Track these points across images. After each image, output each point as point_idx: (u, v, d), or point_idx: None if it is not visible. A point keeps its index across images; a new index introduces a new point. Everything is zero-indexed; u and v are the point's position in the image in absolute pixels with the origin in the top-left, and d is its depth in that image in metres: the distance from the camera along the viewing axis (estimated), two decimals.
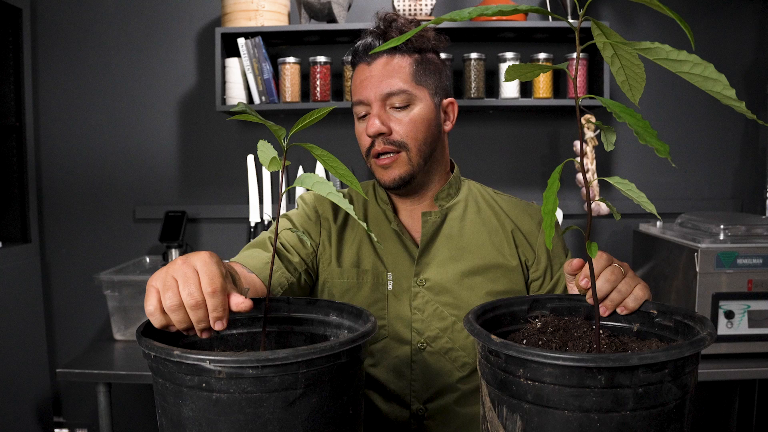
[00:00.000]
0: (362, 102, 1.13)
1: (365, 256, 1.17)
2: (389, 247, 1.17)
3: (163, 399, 0.71)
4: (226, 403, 0.66)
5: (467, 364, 1.15)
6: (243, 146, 2.56)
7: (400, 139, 1.11)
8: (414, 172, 1.12)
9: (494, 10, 0.58)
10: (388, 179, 1.13)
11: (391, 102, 1.10)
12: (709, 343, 0.66)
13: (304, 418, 0.68)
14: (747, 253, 1.87)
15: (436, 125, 1.15)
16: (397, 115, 1.11)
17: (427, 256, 1.16)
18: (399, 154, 1.11)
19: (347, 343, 0.69)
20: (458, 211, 1.20)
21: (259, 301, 0.90)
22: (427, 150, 1.13)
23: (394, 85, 1.10)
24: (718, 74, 0.56)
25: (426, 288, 1.15)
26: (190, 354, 0.65)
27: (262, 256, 1.09)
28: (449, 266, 1.15)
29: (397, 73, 1.11)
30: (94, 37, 2.57)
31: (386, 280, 1.15)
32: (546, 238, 0.61)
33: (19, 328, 2.39)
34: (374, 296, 1.15)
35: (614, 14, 2.52)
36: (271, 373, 0.65)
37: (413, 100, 1.11)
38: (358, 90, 1.14)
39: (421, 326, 1.14)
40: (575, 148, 2.37)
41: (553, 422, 0.63)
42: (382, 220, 1.20)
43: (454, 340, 1.14)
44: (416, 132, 1.11)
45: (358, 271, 1.16)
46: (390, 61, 1.11)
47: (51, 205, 2.64)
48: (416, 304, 1.15)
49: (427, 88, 1.13)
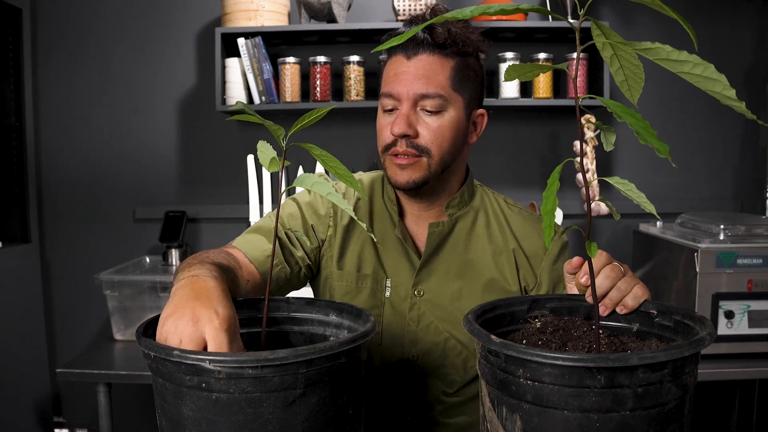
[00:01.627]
0: (392, 96, 1.05)
1: (367, 259, 1.13)
2: (390, 253, 1.13)
3: (162, 399, 0.71)
4: (225, 403, 0.66)
5: (456, 382, 1.12)
6: (243, 146, 2.56)
7: (425, 144, 1.04)
8: (429, 178, 1.06)
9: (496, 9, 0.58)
10: (402, 180, 1.06)
11: (423, 104, 1.04)
12: (709, 343, 0.66)
13: (303, 418, 0.68)
14: (747, 253, 1.87)
15: (463, 135, 1.09)
16: (427, 119, 1.04)
17: (429, 266, 1.12)
18: (419, 158, 1.05)
19: (346, 343, 0.69)
20: (467, 222, 1.15)
21: (258, 301, 0.90)
22: (448, 159, 1.07)
23: (431, 88, 1.03)
24: (718, 74, 0.56)
25: (423, 300, 1.12)
26: (189, 354, 0.66)
27: (265, 247, 1.06)
28: (450, 281, 1.12)
29: (436, 75, 1.04)
30: (94, 37, 2.57)
31: (385, 286, 1.12)
32: (546, 239, 0.61)
33: (19, 328, 2.39)
34: (372, 302, 1.12)
35: (614, 14, 2.52)
36: (270, 373, 0.65)
37: (446, 106, 1.05)
38: (390, 82, 1.06)
39: (414, 338, 1.12)
40: (575, 148, 2.37)
41: (553, 422, 0.63)
42: (386, 220, 1.15)
43: (445, 357, 1.11)
44: (442, 140, 1.05)
45: (358, 275, 1.13)
46: (431, 60, 1.04)
47: (51, 205, 2.64)
48: (412, 315, 1.12)
49: (462, 96, 1.07)
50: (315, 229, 1.14)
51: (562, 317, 0.83)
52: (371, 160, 2.54)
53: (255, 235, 1.09)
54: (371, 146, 2.56)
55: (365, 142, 2.56)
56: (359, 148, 2.56)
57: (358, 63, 2.32)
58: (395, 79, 1.05)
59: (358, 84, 2.32)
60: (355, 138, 2.56)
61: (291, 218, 1.14)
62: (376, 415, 1.14)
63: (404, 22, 1.10)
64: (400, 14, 2.31)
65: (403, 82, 1.04)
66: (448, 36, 1.03)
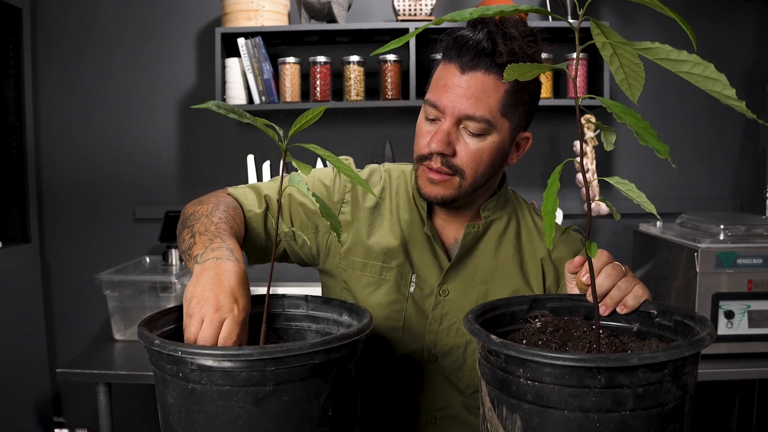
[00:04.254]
0: (437, 107, 1.00)
1: (394, 251, 1.10)
2: (417, 248, 1.11)
3: (156, 385, 0.75)
4: (200, 394, 0.69)
5: (473, 385, 1.11)
6: (243, 146, 2.56)
7: (460, 165, 1.00)
8: (458, 197, 1.04)
9: (495, 11, 0.58)
10: (431, 194, 1.04)
11: (466, 124, 0.99)
12: (709, 343, 0.66)
13: (275, 416, 0.69)
14: (747, 253, 1.87)
15: (502, 159, 1.05)
16: (468, 139, 1.00)
17: (458, 267, 1.10)
18: (452, 177, 1.01)
19: (319, 345, 0.70)
20: (500, 226, 1.12)
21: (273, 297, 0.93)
22: (481, 181, 1.04)
23: (478, 111, 0.97)
24: (718, 74, 0.56)
25: (448, 300, 1.10)
26: (167, 344, 0.69)
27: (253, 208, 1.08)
28: (476, 284, 1.10)
29: (487, 98, 0.97)
30: (94, 37, 2.57)
31: (410, 281, 1.10)
32: (546, 239, 0.61)
33: (19, 328, 2.39)
34: (395, 295, 1.09)
35: (614, 14, 2.52)
36: (239, 368, 0.67)
37: (490, 131, 0.99)
38: (438, 91, 1.00)
39: (435, 338, 1.10)
40: (575, 148, 2.37)
41: (553, 422, 0.63)
42: (414, 214, 1.12)
43: (465, 360, 1.10)
44: (478, 164, 1.01)
45: (382, 267, 1.10)
46: (485, 80, 0.97)
47: (51, 205, 2.64)
48: (435, 314, 1.10)
49: (510, 121, 1.01)
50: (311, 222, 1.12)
51: (562, 317, 0.83)
52: (371, 160, 2.53)
53: (250, 191, 1.10)
54: (371, 146, 2.56)
55: (365, 142, 2.56)
56: (359, 148, 2.56)
57: (358, 63, 2.32)
58: (444, 90, 0.99)
59: (358, 84, 2.32)
60: (355, 138, 2.56)
61: (302, 195, 1.12)
62: (390, 412, 1.13)
63: (473, 26, 1.00)
64: (400, 14, 2.31)
65: (451, 96, 0.98)
66: (510, 58, 0.96)
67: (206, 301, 0.78)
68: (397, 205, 1.13)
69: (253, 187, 1.11)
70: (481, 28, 0.98)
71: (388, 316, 1.09)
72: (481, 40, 0.97)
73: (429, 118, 1.02)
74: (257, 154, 2.46)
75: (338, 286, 1.13)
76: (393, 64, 2.32)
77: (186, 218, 1.00)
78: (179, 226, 1.01)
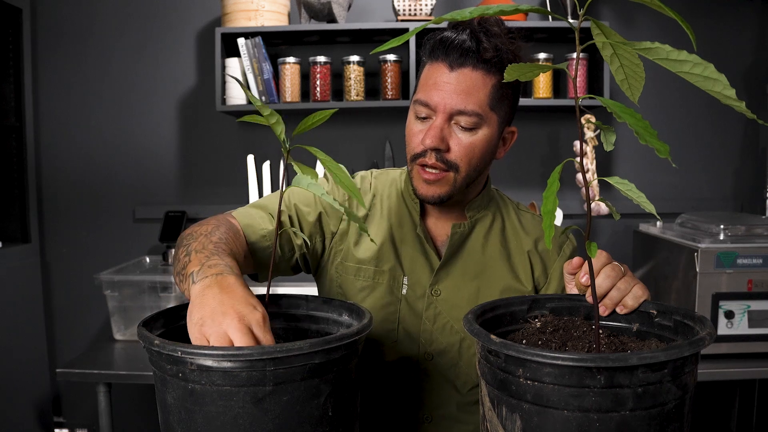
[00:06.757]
0: (428, 105, 1.02)
1: (385, 255, 1.12)
2: (409, 251, 1.13)
3: (156, 385, 0.75)
4: (200, 394, 0.69)
5: (469, 382, 1.12)
6: (243, 146, 2.56)
7: (454, 160, 1.03)
8: (454, 193, 1.06)
9: (495, 10, 0.58)
10: (428, 194, 1.06)
11: (458, 119, 1.01)
12: (709, 343, 0.66)
13: (274, 416, 0.69)
14: (747, 253, 1.87)
15: (492, 152, 1.09)
16: (460, 134, 1.02)
17: (448, 267, 1.12)
18: (447, 173, 1.04)
19: (319, 345, 0.70)
20: (485, 224, 1.15)
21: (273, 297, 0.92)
22: (474, 175, 1.07)
23: (469, 105, 1.00)
24: (718, 74, 0.56)
25: (440, 299, 1.12)
26: (167, 344, 0.69)
27: (262, 226, 1.05)
28: (467, 282, 1.12)
29: (477, 92, 1.01)
30: (94, 37, 2.57)
31: (402, 283, 1.12)
32: (546, 239, 0.61)
33: (19, 328, 2.39)
34: (389, 298, 1.12)
35: (614, 14, 2.52)
36: (238, 368, 0.67)
37: (481, 124, 1.02)
38: (427, 90, 1.03)
39: (430, 337, 1.12)
40: (575, 148, 2.37)
41: (553, 422, 0.63)
42: (405, 217, 1.14)
43: (460, 357, 1.12)
44: (471, 157, 1.04)
45: (375, 271, 1.12)
46: (473, 76, 1.01)
47: (51, 205, 2.64)
48: (428, 314, 1.12)
49: (498, 114, 1.05)
50: (325, 219, 1.13)
51: (562, 317, 0.83)
52: (371, 160, 2.54)
53: (257, 211, 1.08)
54: (371, 146, 2.56)
55: (365, 142, 2.56)
56: (359, 148, 2.56)
57: (358, 63, 2.32)
58: (433, 88, 1.02)
59: (358, 84, 2.33)
60: (354, 138, 2.56)
61: (305, 204, 1.12)
62: (389, 411, 1.14)
63: (455, 25, 1.05)
64: (400, 14, 2.31)
65: (441, 93, 1.01)
66: (495, 53, 1.00)
67: (224, 315, 0.72)
68: (388, 209, 1.15)
69: (258, 206, 1.10)
70: (463, 29, 1.02)
71: (384, 319, 1.11)
72: (466, 39, 1.01)
73: (420, 117, 1.05)
74: (257, 155, 2.47)
75: (334, 291, 1.14)
76: (393, 64, 2.32)
77: (183, 238, 0.95)
78: (175, 248, 0.97)
